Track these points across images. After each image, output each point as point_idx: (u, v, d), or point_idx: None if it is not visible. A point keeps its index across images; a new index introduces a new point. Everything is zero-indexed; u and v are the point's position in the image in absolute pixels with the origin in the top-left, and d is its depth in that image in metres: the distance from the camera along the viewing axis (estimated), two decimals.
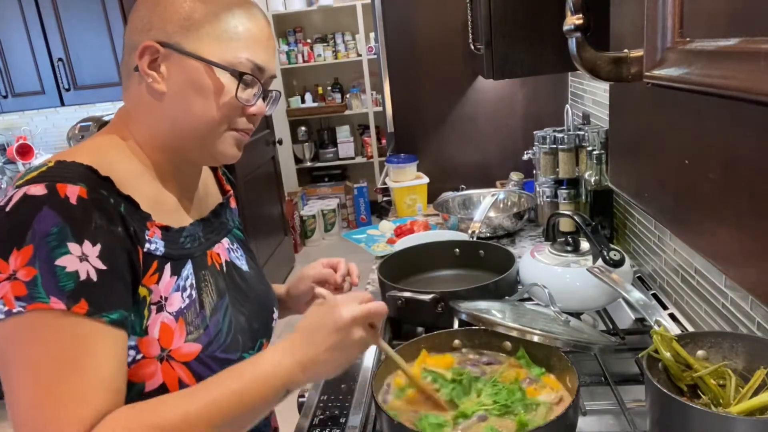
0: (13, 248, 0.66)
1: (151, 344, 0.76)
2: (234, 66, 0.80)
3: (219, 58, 0.79)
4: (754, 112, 0.37)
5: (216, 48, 0.79)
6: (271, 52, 0.85)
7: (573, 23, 0.57)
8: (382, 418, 0.87)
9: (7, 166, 3.45)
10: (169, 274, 0.80)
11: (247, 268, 0.98)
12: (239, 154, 0.87)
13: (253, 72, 0.82)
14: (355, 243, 2.01)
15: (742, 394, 0.78)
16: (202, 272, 0.85)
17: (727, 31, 0.38)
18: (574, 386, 0.89)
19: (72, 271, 0.66)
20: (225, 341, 0.84)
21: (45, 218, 0.66)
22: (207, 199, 0.96)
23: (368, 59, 4.86)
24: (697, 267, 1.18)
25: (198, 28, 0.79)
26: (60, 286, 0.65)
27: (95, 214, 0.70)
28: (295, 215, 4.84)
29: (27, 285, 0.64)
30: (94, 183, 0.72)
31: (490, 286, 1.29)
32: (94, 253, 0.68)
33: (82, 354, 0.66)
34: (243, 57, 0.81)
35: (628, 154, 0.75)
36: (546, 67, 1.47)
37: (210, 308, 0.84)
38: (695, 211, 0.53)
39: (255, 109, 0.84)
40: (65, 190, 0.69)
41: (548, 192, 1.89)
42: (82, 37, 3.03)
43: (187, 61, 0.79)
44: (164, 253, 0.80)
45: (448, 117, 2.40)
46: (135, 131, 0.84)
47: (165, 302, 0.78)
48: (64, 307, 0.65)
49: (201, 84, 0.79)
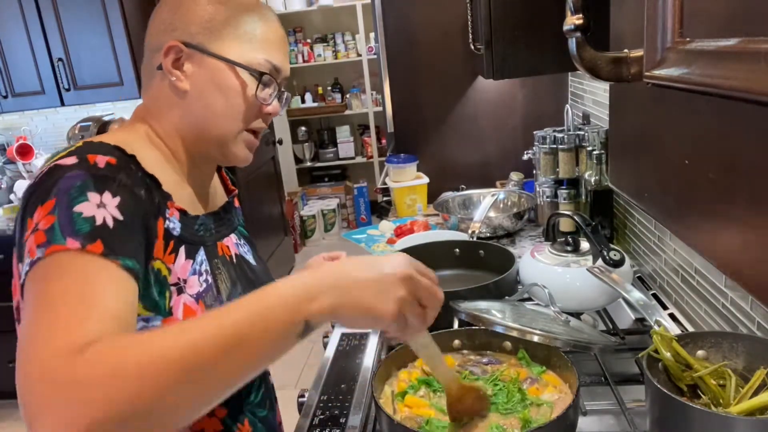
0: (38, 206, 0.68)
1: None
2: (253, 66, 0.84)
3: (239, 58, 0.83)
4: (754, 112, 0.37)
5: (236, 49, 0.83)
6: (286, 53, 0.89)
7: (573, 23, 0.57)
8: (382, 418, 0.87)
9: (7, 166, 3.45)
10: (184, 257, 0.81)
11: (254, 262, 1.01)
12: (251, 157, 0.90)
13: (271, 72, 0.86)
14: (355, 243, 2.01)
15: (742, 394, 0.78)
16: (214, 260, 0.88)
17: (727, 31, 0.38)
18: (574, 386, 0.89)
19: (89, 216, 0.67)
20: None
21: (71, 176, 0.69)
22: (216, 197, 0.99)
23: (368, 59, 4.86)
24: (697, 267, 1.18)
25: (219, 30, 0.83)
26: (76, 228, 0.66)
27: (121, 174, 0.73)
28: (295, 215, 4.84)
29: (46, 232, 0.66)
30: (123, 158, 0.76)
31: (490, 286, 1.29)
32: (113, 203, 0.70)
33: (90, 288, 0.64)
34: (261, 58, 0.85)
35: (628, 154, 0.75)
36: (546, 67, 1.47)
37: (225, 294, 0.87)
38: (695, 211, 0.53)
39: (271, 108, 0.88)
40: (95, 158, 0.72)
41: (548, 192, 1.89)
42: (82, 37, 3.03)
43: (209, 61, 0.83)
44: (180, 235, 0.81)
45: (448, 117, 2.40)
46: (156, 127, 0.87)
47: (184, 284, 0.80)
48: (79, 245, 0.65)
49: (222, 83, 0.83)
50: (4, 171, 3.45)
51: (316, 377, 1.19)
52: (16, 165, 3.38)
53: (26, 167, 3.35)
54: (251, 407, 0.94)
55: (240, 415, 0.91)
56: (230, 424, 0.89)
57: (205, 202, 0.94)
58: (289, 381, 2.88)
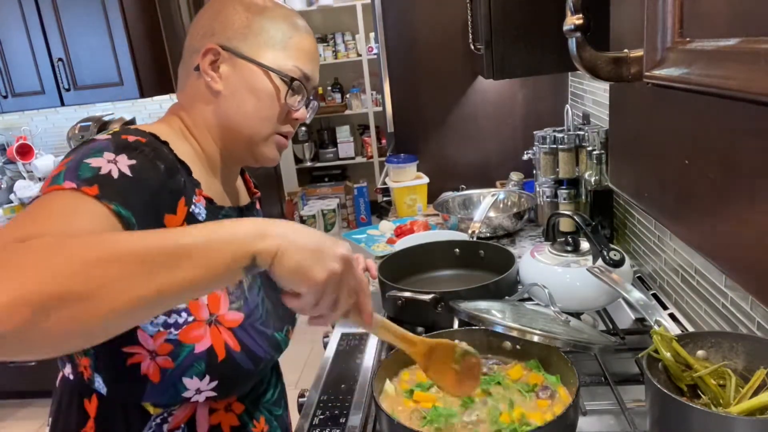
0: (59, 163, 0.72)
1: (201, 308, 0.81)
2: (284, 72, 0.89)
3: (272, 63, 0.88)
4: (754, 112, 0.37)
5: (270, 55, 0.88)
6: (317, 63, 0.94)
7: (573, 23, 0.57)
8: (382, 418, 0.87)
9: (7, 166, 3.45)
10: None
11: None
12: (279, 158, 0.95)
13: (301, 79, 0.90)
14: (355, 243, 2.01)
15: (742, 394, 0.78)
16: None
17: (727, 31, 0.38)
18: (574, 386, 0.89)
19: (95, 166, 0.70)
20: (262, 316, 0.89)
21: (99, 142, 0.75)
22: (242, 193, 1.04)
23: (368, 59, 4.86)
24: (697, 267, 1.18)
25: (255, 36, 0.88)
26: (78, 173, 0.69)
27: (147, 148, 0.77)
28: (295, 215, 4.84)
29: (52, 178, 0.69)
30: (156, 142, 0.81)
31: (490, 286, 1.29)
32: (126, 162, 0.73)
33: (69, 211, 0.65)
34: (292, 65, 0.89)
35: (628, 154, 0.75)
36: (546, 67, 1.47)
37: (246, 283, 0.89)
38: (695, 210, 0.53)
39: (299, 114, 0.92)
40: (127, 136, 0.77)
41: (548, 192, 1.89)
42: (82, 37, 3.03)
43: (244, 65, 0.87)
44: (205, 221, 0.84)
45: (448, 117, 2.40)
46: (188, 123, 0.91)
47: None
48: (74, 186, 0.67)
49: (255, 86, 0.88)
50: (4, 171, 3.45)
51: (316, 377, 1.19)
52: (16, 165, 3.38)
53: (26, 167, 3.35)
54: (268, 405, 0.97)
55: (256, 412, 0.94)
56: (247, 421, 0.92)
57: (232, 198, 0.98)
58: (289, 381, 2.87)
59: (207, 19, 0.90)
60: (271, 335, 0.91)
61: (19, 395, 3.07)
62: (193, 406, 0.86)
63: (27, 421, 2.99)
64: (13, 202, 3.27)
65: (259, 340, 0.87)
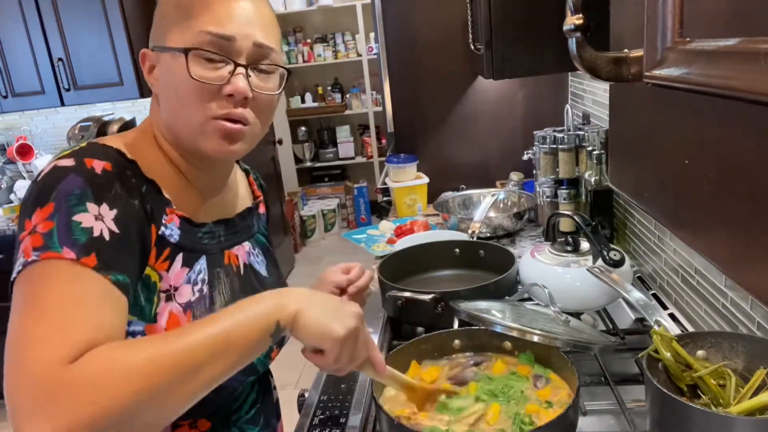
0: (37, 207, 0.69)
1: (158, 332, 0.76)
2: (190, 44, 0.75)
3: (182, 43, 0.76)
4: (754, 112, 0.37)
5: (180, 34, 0.77)
6: (240, 18, 0.77)
7: (573, 23, 0.57)
8: (382, 418, 0.87)
9: (7, 166, 3.45)
10: (180, 264, 0.80)
11: (266, 275, 0.97)
12: (230, 148, 0.79)
13: (215, 44, 0.76)
14: (355, 243, 2.01)
15: (742, 394, 0.78)
16: (216, 270, 0.86)
17: (727, 31, 0.38)
18: (574, 386, 0.89)
19: (87, 227, 0.68)
20: None
21: (70, 182, 0.69)
22: (236, 201, 0.95)
23: (368, 59, 4.86)
24: (697, 267, 1.18)
25: (166, 21, 0.79)
26: (74, 238, 0.67)
27: (117, 183, 0.73)
28: (295, 215, 4.84)
29: (43, 236, 0.67)
30: (121, 163, 0.75)
31: (490, 286, 1.29)
32: (110, 216, 0.70)
33: (82, 300, 0.65)
34: (201, 31, 0.75)
35: (628, 154, 0.75)
36: (546, 67, 1.47)
37: (220, 306, 0.84)
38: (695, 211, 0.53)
39: (230, 87, 0.76)
40: (92, 163, 0.72)
41: (548, 192, 1.89)
42: (82, 37, 3.03)
43: (162, 58, 0.79)
44: (178, 242, 0.80)
45: (448, 117, 2.40)
46: (156, 133, 0.86)
47: (174, 292, 0.79)
48: (74, 256, 0.66)
49: (170, 75, 0.78)
50: (4, 171, 3.45)
51: (316, 377, 1.19)
52: (16, 165, 3.38)
53: (26, 167, 3.35)
54: (241, 423, 0.92)
55: (225, 430, 0.89)
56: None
57: (219, 209, 0.90)
58: (289, 381, 2.87)
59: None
60: None
61: None
62: None
63: None
64: (13, 202, 3.27)
65: None
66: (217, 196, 0.90)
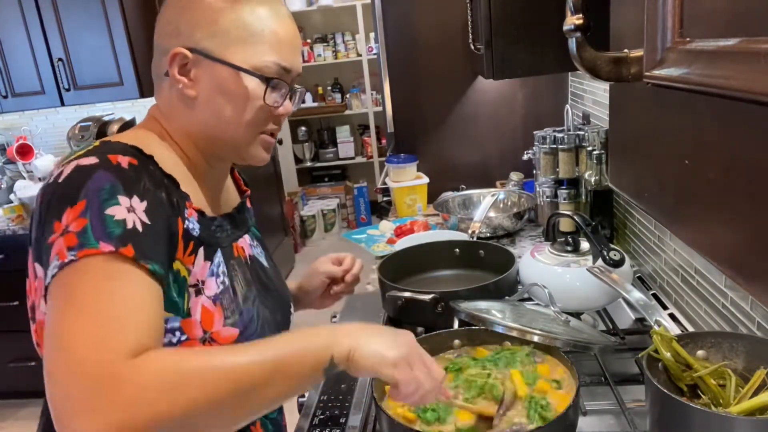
0: (67, 207, 0.68)
1: (194, 326, 0.78)
2: (261, 70, 0.81)
3: (246, 62, 0.81)
4: (754, 112, 0.37)
5: (243, 53, 0.81)
6: (297, 50, 0.86)
7: (573, 23, 0.57)
8: (382, 418, 0.87)
9: (7, 166, 3.45)
10: (203, 258, 0.82)
11: (267, 265, 1.00)
12: (268, 157, 0.90)
13: (280, 74, 0.83)
14: (355, 243, 2.01)
15: (742, 394, 0.78)
16: (230, 262, 0.88)
17: (727, 31, 0.38)
18: (574, 386, 0.89)
19: (120, 219, 0.68)
20: (257, 329, 0.87)
21: (99, 177, 0.70)
22: (231, 196, 0.99)
23: (368, 59, 4.86)
24: (697, 267, 1.18)
25: (225, 34, 0.80)
26: (108, 231, 0.67)
27: (144, 176, 0.74)
28: (295, 215, 4.84)
29: (78, 235, 0.66)
30: (142, 159, 0.76)
31: (490, 286, 1.29)
32: (141, 207, 0.71)
33: (127, 293, 0.66)
34: (269, 60, 0.82)
35: (628, 154, 0.75)
36: (546, 67, 1.47)
37: (242, 296, 0.87)
38: (695, 211, 0.53)
39: (282, 110, 0.86)
40: (116, 158, 0.73)
41: (548, 192, 1.89)
42: (82, 37, 3.02)
43: (215, 67, 0.81)
44: (199, 236, 0.82)
45: (448, 117, 2.40)
46: (170, 130, 0.86)
47: (203, 286, 0.81)
48: (112, 248, 0.66)
49: (230, 90, 0.81)
50: (4, 171, 3.45)
51: None
52: (16, 165, 3.38)
53: (26, 167, 3.35)
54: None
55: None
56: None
57: (224, 203, 0.94)
58: None
59: (172, 14, 0.83)
60: None
61: (19, 395, 3.07)
62: None
63: (27, 421, 2.99)
64: (13, 202, 3.27)
65: None
66: (221, 192, 0.94)
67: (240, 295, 0.86)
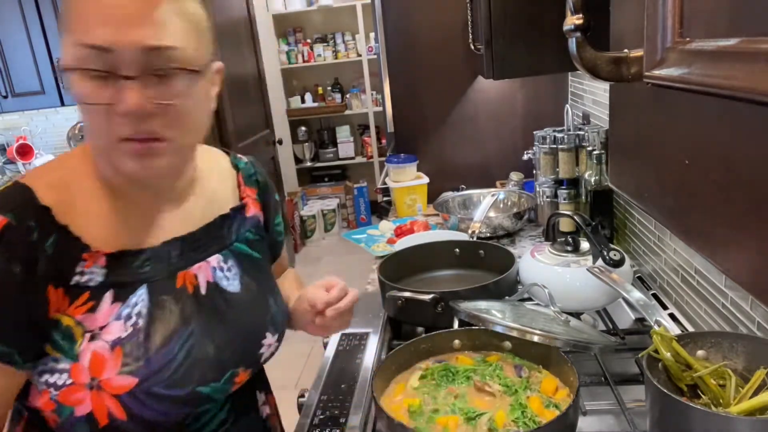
0: None
1: (81, 371, 0.73)
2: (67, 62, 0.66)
3: (66, 58, 0.67)
4: (754, 112, 0.37)
5: (64, 48, 0.67)
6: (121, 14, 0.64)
7: (573, 23, 0.57)
8: (382, 418, 0.87)
9: (7, 166, 3.45)
10: (109, 302, 0.75)
11: (237, 290, 0.87)
12: (152, 166, 0.71)
13: (91, 59, 0.64)
14: (355, 243, 2.01)
15: (742, 394, 0.78)
16: (161, 297, 0.79)
17: (727, 31, 0.38)
18: (574, 386, 0.89)
19: None
20: (173, 374, 0.77)
21: None
22: (204, 210, 0.86)
23: (368, 59, 4.86)
24: (697, 267, 1.18)
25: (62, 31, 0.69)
26: None
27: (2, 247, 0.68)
28: (295, 215, 4.84)
29: None
30: (27, 213, 0.70)
31: (490, 286, 1.29)
32: None
33: None
34: (74, 44, 0.65)
35: (628, 154, 0.75)
36: (546, 67, 1.47)
37: (161, 338, 0.77)
38: (695, 211, 0.53)
39: (122, 107, 0.66)
40: None
41: (548, 192, 1.89)
42: None
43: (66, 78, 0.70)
44: (103, 282, 0.75)
45: (448, 117, 2.40)
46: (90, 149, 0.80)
47: (100, 331, 0.74)
48: None
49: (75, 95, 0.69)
50: (4, 171, 3.45)
51: (316, 377, 1.19)
52: (16, 165, 3.38)
53: (26, 167, 3.35)
54: None
55: None
56: None
57: (177, 224, 0.82)
58: (289, 381, 2.87)
59: None
60: (187, 393, 0.78)
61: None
62: None
63: None
64: None
65: (158, 405, 0.75)
66: (174, 210, 0.82)
67: (157, 338, 0.76)
